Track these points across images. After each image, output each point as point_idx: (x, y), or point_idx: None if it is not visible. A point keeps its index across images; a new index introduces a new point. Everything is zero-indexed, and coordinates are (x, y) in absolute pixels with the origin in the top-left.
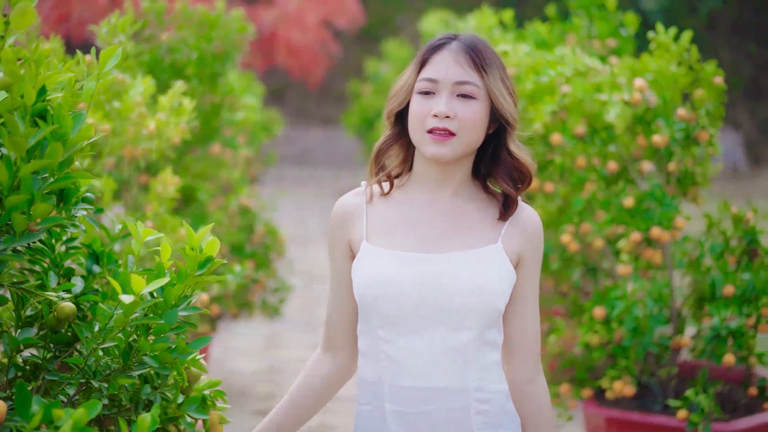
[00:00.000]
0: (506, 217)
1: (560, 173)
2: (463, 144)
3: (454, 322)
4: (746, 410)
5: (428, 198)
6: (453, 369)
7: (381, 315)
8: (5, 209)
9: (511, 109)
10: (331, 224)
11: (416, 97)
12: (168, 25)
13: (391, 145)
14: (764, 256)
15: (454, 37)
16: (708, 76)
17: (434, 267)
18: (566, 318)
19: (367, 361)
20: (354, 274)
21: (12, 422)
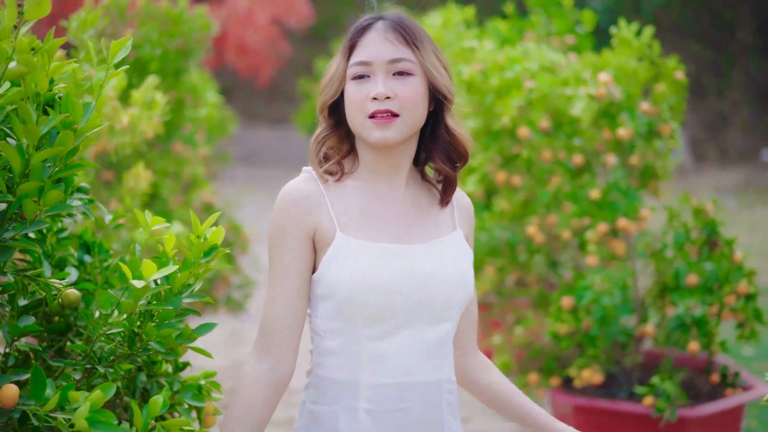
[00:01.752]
0: (446, 200)
1: (527, 167)
2: (407, 123)
3: (436, 315)
4: (709, 397)
5: (387, 186)
6: (432, 362)
7: (368, 312)
8: (15, 196)
9: (447, 83)
10: (285, 213)
11: (350, 83)
12: (131, 21)
13: (328, 139)
14: (724, 246)
15: (379, 17)
16: (669, 71)
17: (417, 258)
18: (532, 309)
19: (338, 361)
20: (331, 271)
21: (25, 405)
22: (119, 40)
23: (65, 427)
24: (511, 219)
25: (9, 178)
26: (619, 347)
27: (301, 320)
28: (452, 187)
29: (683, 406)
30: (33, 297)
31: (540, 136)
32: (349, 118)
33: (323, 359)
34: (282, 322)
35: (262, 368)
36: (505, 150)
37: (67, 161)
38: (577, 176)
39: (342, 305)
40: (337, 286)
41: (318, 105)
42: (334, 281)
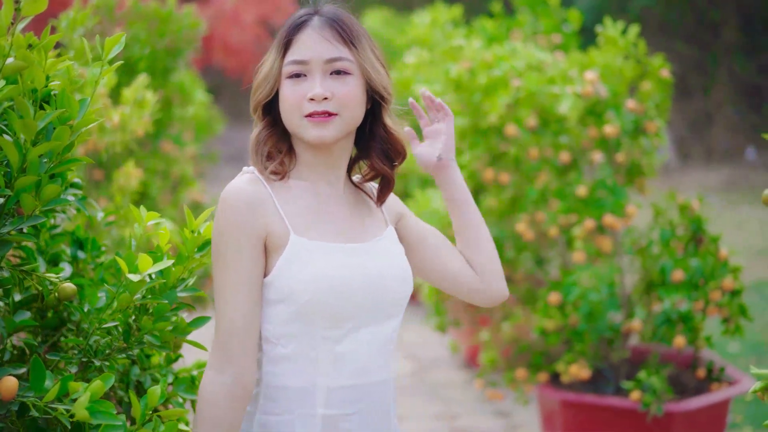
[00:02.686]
0: (383, 199)
1: (514, 164)
2: (345, 122)
3: (387, 312)
4: (695, 392)
5: (328, 185)
6: (384, 361)
7: (330, 313)
8: (14, 191)
9: (385, 82)
10: (238, 216)
11: (286, 82)
12: (120, 21)
13: (267, 138)
14: (709, 243)
15: (314, 12)
16: (655, 69)
17: (372, 256)
18: (520, 305)
19: (294, 367)
20: (287, 272)
21: (26, 397)
22: (113, 36)
23: (65, 418)
24: (499, 216)
25: (6, 173)
26: (606, 343)
27: (258, 326)
28: (390, 185)
29: (670, 401)
30: (28, 292)
31: (527, 134)
32: (285, 118)
33: (275, 367)
34: (243, 331)
35: (225, 380)
36: (493, 148)
37: (62, 157)
38: (564, 173)
39: (302, 309)
40: (297, 288)
41: (251, 104)
42: (292, 284)
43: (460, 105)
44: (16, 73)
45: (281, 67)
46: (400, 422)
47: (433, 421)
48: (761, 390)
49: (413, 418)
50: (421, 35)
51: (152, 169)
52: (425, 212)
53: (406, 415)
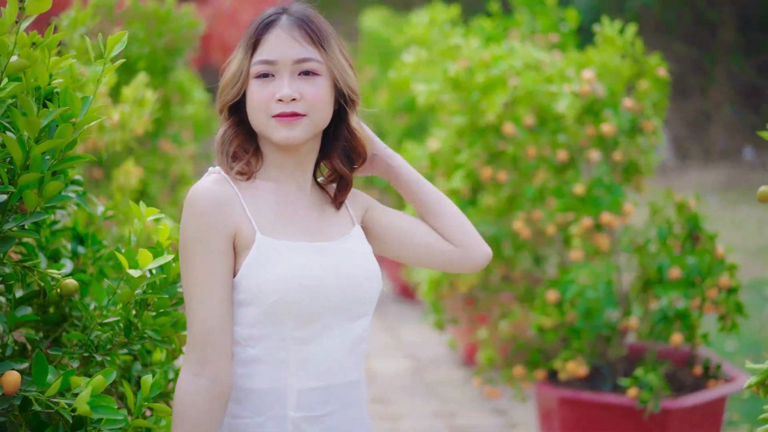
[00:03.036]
0: (340, 200)
1: (512, 163)
2: (314, 123)
3: (356, 312)
4: (692, 389)
5: (295, 185)
6: (354, 361)
7: (300, 313)
8: (17, 187)
9: (352, 83)
10: (206, 216)
11: (254, 82)
12: (119, 20)
13: (232, 138)
14: (706, 241)
15: (283, 12)
16: (652, 68)
17: (341, 255)
18: (518, 303)
19: (263, 369)
20: (254, 273)
21: (28, 392)
22: (115, 35)
23: (67, 412)
24: (497, 214)
25: (9, 169)
26: (603, 340)
27: (231, 326)
28: (348, 187)
29: (666, 398)
30: (29, 288)
31: (525, 133)
32: (252, 118)
33: (244, 369)
34: (218, 333)
35: (203, 384)
36: (491, 146)
37: (65, 154)
38: (561, 172)
39: (271, 309)
40: (265, 288)
41: (218, 105)
42: (260, 284)
43: (458, 104)
44: (20, 71)
45: (249, 66)
46: (398, 420)
47: (431, 419)
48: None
49: (412, 416)
50: (420, 35)
51: (151, 168)
52: None
53: (404, 414)
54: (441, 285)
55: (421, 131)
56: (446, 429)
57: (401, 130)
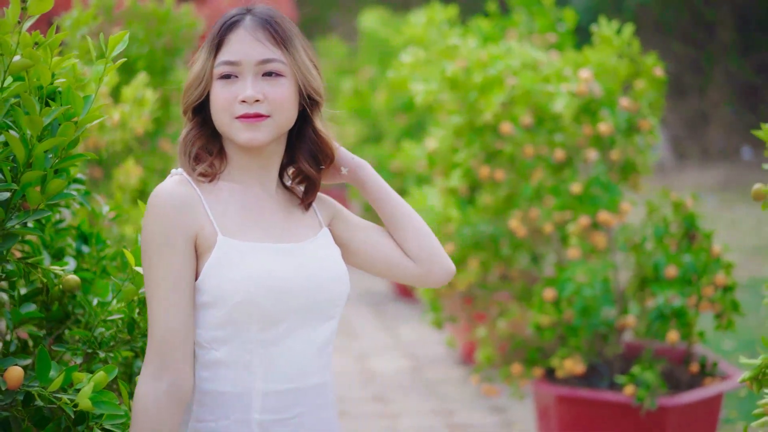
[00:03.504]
0: (308, 201)
1: (509, 162)
2: (278, 125)
3: (323, 314)
4: (688, 386)
5: (260, 186)
6: (321, 363)
7: (264, 315)
8: (20, 185)
9: (317, 85)
10: (166, 219)
11: (217, 83)
12: (118, 20)
13: (198, 139)
14: (702, 239)
15: (246, 12)
16: (649, 68)
17: (307, 256)
18: (515, 301)
19: (228, 372)
20: (219, 276)
21: (31, 387)
22: (116, 35)
23: (69, 407)
24: (494, 213)
25: (13, 167)
26: (601, 338)
27: (192, 330)
28: (315, 188)
29: (663, 396)
30: (33, 285)
31: (522, 132)
32: (216, 119)
33: (208, 372)
34: (178, 336)
35: (162, 387)
36: (488, 145)
37: (67, 152)
38: (558, 171)
39: (234, 310)
40: (227, 290)
41: (182, 106)
42: (222, 286)
43: (456, 103)
44: (23, 71)
45: (212, 67)
46: (397, 419)
47: (429, 417)
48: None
49: (410, 414)
50: (418, 35)
51: (151, 167)
52: (421, 209)
53: (402, 412)
54: None
55: (419, 131)
56: (445, 427)
57: (400, 129)
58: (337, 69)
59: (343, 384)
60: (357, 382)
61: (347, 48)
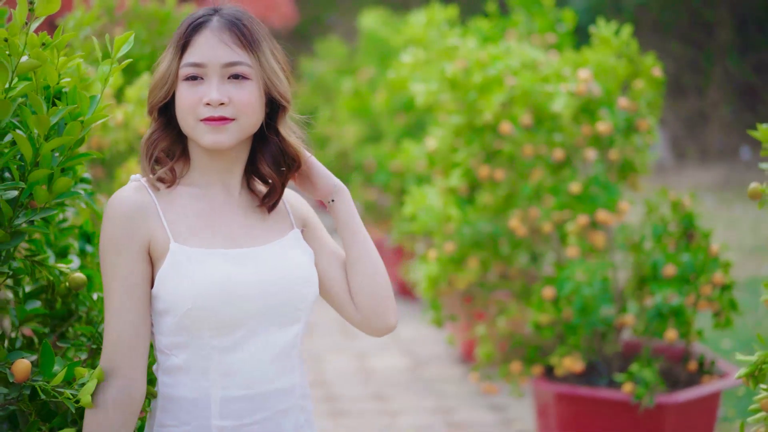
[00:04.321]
0: (269, 205)
1: (509, 161)
2: (243, 128)
3: (286, 317)
4: (687, 385)
5: (222, 189)
6: (284, 368)
7: (216, 322)
8: (27, 183)
9: (283, 89)
10: (117, 226)
11: (182, 84)
12: (120, 21)
13: (161, 141)
14: (700, 239)
15: (214, 13)
16: (647, 68)
17: (263, 260)
18: (514, 300)
19: (187, 378)
20: (171, 283)
21: (35, 381)
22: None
23: (71, 402)
24: (494, 213)
25: (20, 166)
26: (599, 337)
27: (146, 337)
28: (275, 191)
29: (661, 393)
30: (38, 283)
31: (522, 132)
32: (180, 121)
33: (169, 377)
34: (126, 341)
35: (111, 394)
36: (488, 145)
37: (73, 151)
38: (557, 170)
39: (186, 318)
40: (178, 298)
41: (147, 106)
42: (173, 293)
43: (456, 103)
44: (30, 71)
45: (178, 68)
46: (396, 417)
47: (429, 415)
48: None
49: (409, 412)
50: (418, 35)
51: None
52: (421, 208)
53: (402, 410)
54: (439, 283)
55: (418, 131)
56: (444, 425)
57: (399, 129)
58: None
59: (343, 382)
60: (356, 381)
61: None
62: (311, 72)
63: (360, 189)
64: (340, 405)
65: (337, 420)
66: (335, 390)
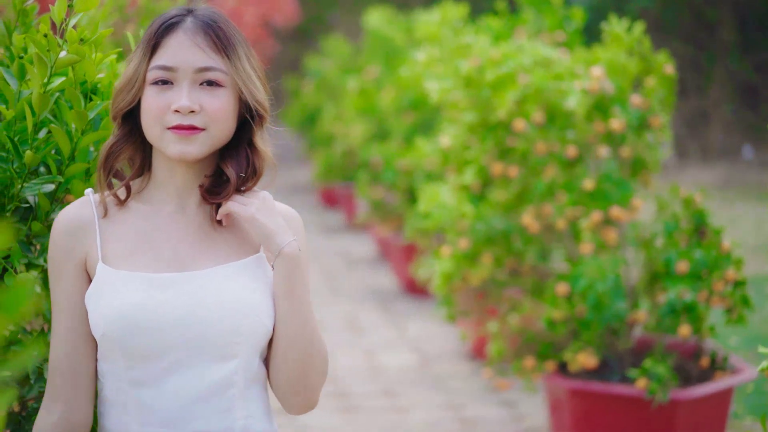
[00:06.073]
0: (212, 199)
1: (522, 159)
2: (213, 139)
3: (219, 351)
4: (699, 380)
5: (176, 206)
6: (216, 408)
7: (130, 353)
8: (64, 177)
9: (260, 97)
10: (54, 244)
11: (150, 89)
12: (132, 19)
13: (120, 152)
14: (712, 235)
15: (187, 13)
16: (659, 65)
17: (193, 287)
18: (526, 296)
19: (112, 410)
20: (91, 306)
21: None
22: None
23: None
24: (507, 209)
25: (57, 160)
26: (612, 333)
27: (88, 360)
28: (226, 187)
29: (675, 389)
30: None
31: (535, 129)
32: (146, 128)
33: (101, 407)
34: (65, 364)
35: (52, 419)
36: (501, 143)
37: None
38: (570, 167)
39: (102, 346)
40: (94, 324)
41: (111, 112)
42: (92, 319)
43: (470, 101)
44: (69, 66)
45: (146, 70)
46: (407, 413)
47: (439, 411)
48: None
49: (420, 408)
50: (432, 33)
51: None
52: (435, 206)
53: (412, 406)
54: (453, 279)
55: (426, 129)
56: (455, 421)
57: (406, 127)
58: (341, 68)
59: (352, 379)
60: (366, 377)
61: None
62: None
63: (367, 187)
64: (351, 401)
65: (348, 416)
66: (345, 386)
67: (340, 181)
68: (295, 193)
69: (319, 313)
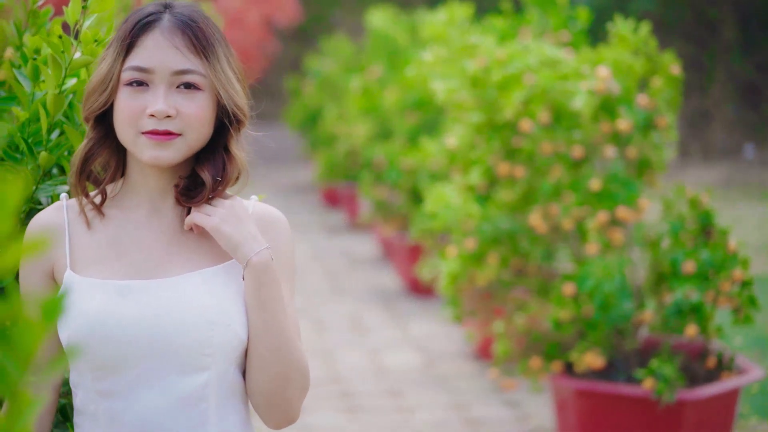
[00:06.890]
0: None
1: (528, 159)
2: (188, 144)
3: (188, 363)
4: (706, 381)
5: (148, 211)
6: (188, 423)
7: (97, 364)
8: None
9: (239, 101)
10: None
11: (124, 90)
12: None
13: (95, 156)
14: (718, 235)
15: (164, 10)
16: (665, 66)
17: (160, 295)
18: (532, 297)
19: (84, 421)
20: None
21: None
22: None
23: None
24: (513, 210)
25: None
26: (618, 333)
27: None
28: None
29: (682, 389)
30: None
31: (541, 130)
32: (119, 131)
33: (76, 418)
34: None
35: None
36: (507, 143)
37: None
38: (576, 168)
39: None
40: (63, 333)
41: (83, 113)
42: (61, 328)
43: (476, 101)
44: (83, 67)
45: (120, 71)
46: (412, 413)
47: (444, 411)
48: None
49: (425, 408)
50: (438, 32)
51: None
52: (441, 206)
53: (417, 406)
54: (460, 279)
55: (431, 129)
56: (460, 421)
57: (410, 127)
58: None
59: (356, 379)
60: (370, 377)
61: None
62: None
63: (370, 187)
64: (355, 401)
65: (352, 416)
66: (349, 386)
67: (343, 180)
68: (297, 193)
69: (323, 313)
